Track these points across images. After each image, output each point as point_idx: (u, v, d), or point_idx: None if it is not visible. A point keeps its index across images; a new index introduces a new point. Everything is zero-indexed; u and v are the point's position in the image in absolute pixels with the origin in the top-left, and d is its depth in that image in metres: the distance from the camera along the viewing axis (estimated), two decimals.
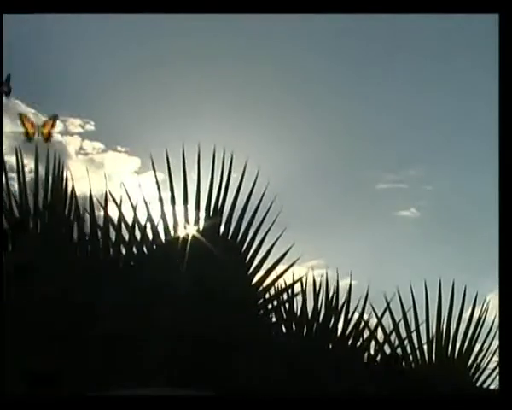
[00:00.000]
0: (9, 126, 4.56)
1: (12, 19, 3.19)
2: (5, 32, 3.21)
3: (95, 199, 4.37)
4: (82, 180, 4.50)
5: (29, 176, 4.49)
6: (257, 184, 4.52)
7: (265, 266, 4.60)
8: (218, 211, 4.57)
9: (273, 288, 4.63)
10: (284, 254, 4.55)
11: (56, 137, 7.26)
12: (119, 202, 4.46)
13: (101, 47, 6.83)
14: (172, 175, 4.49)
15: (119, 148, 7.44)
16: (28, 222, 4.34)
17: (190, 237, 4.47)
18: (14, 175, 4.46)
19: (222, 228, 4.58)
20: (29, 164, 4.54)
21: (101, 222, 4.41)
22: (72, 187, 4.41)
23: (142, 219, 4.46)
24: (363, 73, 7.31)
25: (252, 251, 4.58)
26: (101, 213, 4.42)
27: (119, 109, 6.83)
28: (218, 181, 4.56)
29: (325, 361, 4.51)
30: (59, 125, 7.39)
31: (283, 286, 4.65)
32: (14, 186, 4.40)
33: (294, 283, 4.65)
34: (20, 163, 4.43)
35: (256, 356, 4.24)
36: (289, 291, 4.66)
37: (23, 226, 4.21)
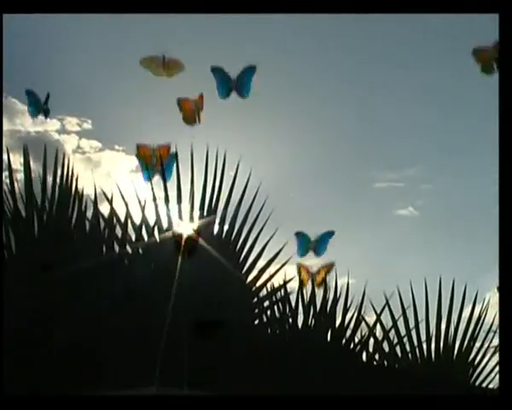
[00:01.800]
0: (7, 125, 4.55)
1: (11, 19, 3.19)
2: (5, 32, 3.21)
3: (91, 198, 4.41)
4: (80, 179, 4.52)
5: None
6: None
7: (260, 265, 4.65)
8: (212, 209, 4.59)
9: (270, 287, 4.66)
10: (277, 254, 4.58)
11: (53, 135, 7.29)
12: (117, 201, 4.48)
13: (98, 46, 6.83)
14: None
15: (116, 147, 7.45)
16: None
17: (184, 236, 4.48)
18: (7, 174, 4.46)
19: (216, 227, 4.60)
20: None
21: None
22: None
23: (137, 218, 4.48)
24: (361, 72, 7.31)
25: (247, 250, 4.61)
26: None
27: (117, 108, 6.83)
28: (212, 180, 4.57)
29: (320, 358, 4.53)
30: (56, 124, 7.43)
31: (281, 285, 4.67)
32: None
33: (286, 282, 4.67)
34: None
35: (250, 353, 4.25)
36: (282, 290, 4.68)
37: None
